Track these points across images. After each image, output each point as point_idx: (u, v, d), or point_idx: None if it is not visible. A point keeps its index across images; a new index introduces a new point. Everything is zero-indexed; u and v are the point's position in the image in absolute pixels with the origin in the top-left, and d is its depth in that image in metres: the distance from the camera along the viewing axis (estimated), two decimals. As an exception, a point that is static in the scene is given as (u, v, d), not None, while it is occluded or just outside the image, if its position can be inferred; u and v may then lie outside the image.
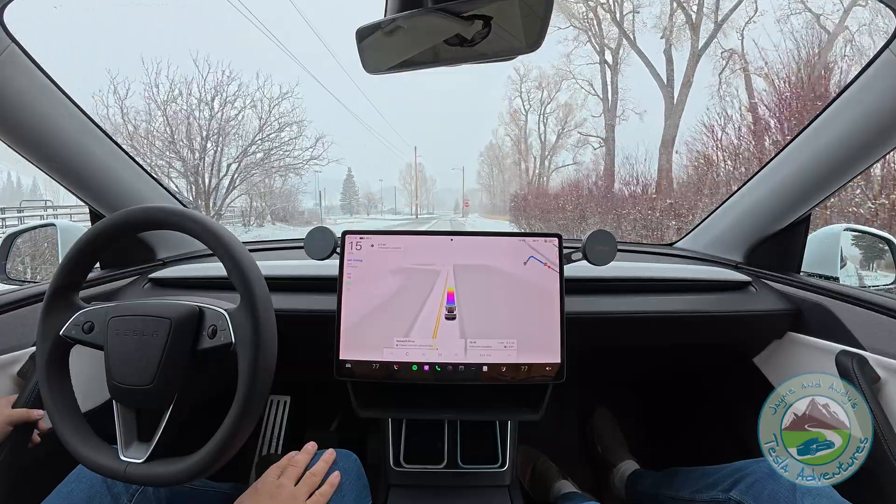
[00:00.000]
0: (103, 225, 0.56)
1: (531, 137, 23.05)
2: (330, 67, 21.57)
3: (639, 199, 8.58)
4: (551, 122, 21.14)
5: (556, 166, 21.30)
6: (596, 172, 15.04)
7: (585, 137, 18.23)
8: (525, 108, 22.22)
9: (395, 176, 62.62)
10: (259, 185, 13.49)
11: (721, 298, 0.85)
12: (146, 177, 0.92)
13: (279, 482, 0.58)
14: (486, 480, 0.82)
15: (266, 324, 0.51)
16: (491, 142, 37.79)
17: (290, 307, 0.77)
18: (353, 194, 55.68)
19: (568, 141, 20.31)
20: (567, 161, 20.49)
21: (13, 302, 0.72)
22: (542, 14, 0.46)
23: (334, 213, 45.98)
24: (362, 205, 55.41)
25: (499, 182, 36.29)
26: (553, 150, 21.46)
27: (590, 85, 16.10)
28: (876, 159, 0.71)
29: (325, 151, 13.18)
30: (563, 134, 20.41)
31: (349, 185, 56.22)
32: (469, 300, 0.68)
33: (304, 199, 20.05)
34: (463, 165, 53.99)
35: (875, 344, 0.69)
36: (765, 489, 0.62)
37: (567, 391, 0.73)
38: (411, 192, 52.00)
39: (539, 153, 22.20)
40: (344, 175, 55.53)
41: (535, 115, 21.63)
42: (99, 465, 0.51)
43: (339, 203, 53.71)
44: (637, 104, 15.06)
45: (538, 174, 22.02)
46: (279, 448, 1.26)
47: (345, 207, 53.36)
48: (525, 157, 24.16)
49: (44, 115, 0.70)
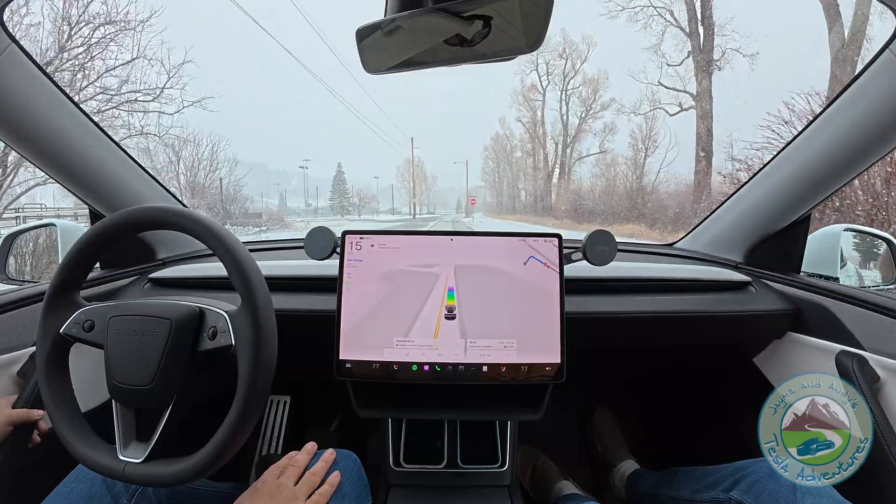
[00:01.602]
0: (104, 224, 0.56)
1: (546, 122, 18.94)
2: (313, 48, 20.72)
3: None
4: (573, 103, 17.47)
5: (580, 155, 17.98)
6: (634, 162, 12.84)
7: (654, 104, 13.93)
8: (542, 84, 18.65)
9: (392, 173, 58.48)
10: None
11: (721, 298, 0.85)
12: (146, 177, 0.92)
13: (279, 482, 0.58)
14: (486, 480, 0.82)
15: (266, 326, 0.51)
16: (497, 133, 34.62)
17: (290, 307, 0.77)
18: (343, 193, 49.49)
19: (593, 124, 16.78)
20: (592, 149, 17.24)
21: (13, 302, 0.72)
22: (543, 13, 0.46)
23: (323, 215, 42.75)
24: (354, 205, 49.43)
25: (506, 178, 33.24)
26: (576, 135, 17.76)
27: (671, 14, 10.29)
28: (876, 159, 0.71)
29: (183, 89, 8.57)
30: (589, 116, 16.77)
31: (339, 182, 50.16)
32: (469, 300, 0.68)
33: (270, 198, 18.86)
34: (466, 159, 50.42)
35: (875, 344, 0.69)
36: (765, 489, 0.62)
37: (567, 391, 0.73)
38: (410, 190, 48.41)
39: (561, 139, 18.33)
40: (333, 172, 50.37)
41: (555, 91, 18.09)
42: (97, 463, 0.51)
43: (328, 203, 48.88)
44: (745, 42, 9.16)
45: (560, 163, 18.34)
46: (279, 448, 1.26)
47: (334, 207, 47.93)
48: (543, 143, 20.29)
49: (44, 115, 0.70)
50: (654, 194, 13.30)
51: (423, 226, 21.23)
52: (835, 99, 0.70)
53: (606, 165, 16.93)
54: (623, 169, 15.24)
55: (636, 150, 15.25)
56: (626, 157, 15.40)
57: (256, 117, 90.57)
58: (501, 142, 33.21)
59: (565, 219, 14.59)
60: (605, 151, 16.66)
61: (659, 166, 14.52)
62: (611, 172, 16.15)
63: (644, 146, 15.09)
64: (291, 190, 59.30)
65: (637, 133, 15.34)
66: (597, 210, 13.61)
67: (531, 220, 20.07)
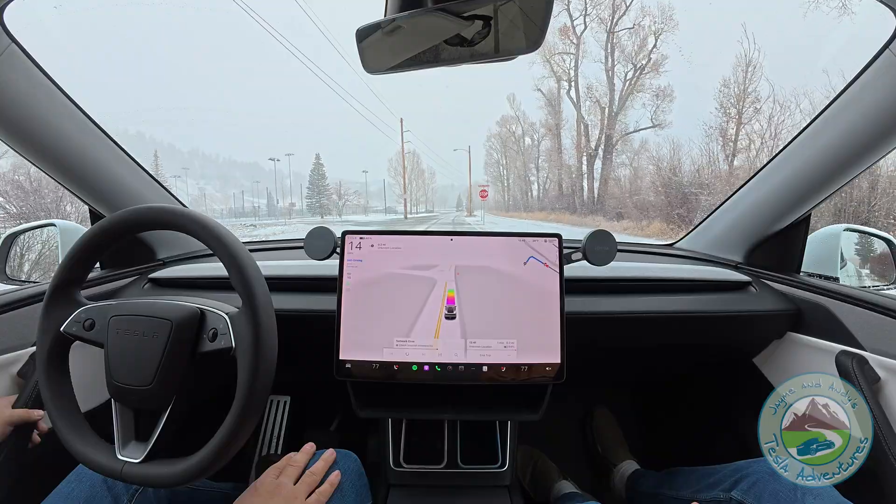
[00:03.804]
0: (105, 224, 0.56)
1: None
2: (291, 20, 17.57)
3: None
4: (618, 66, 11.04)
5: (626, 131, 12.45)
6: (723, 134, 7.38)
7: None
8: (575, 28, 11.35)
9: (383, 167, 50.77)
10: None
11: (721, 298, 0.85)
12: (146, 177, 0.92)
13: (278, 481, 0.58)
14: (485, 480, 0.82)
15: (266, 329, 0.51)
16: (504, 116, 27.83)
17: (290, 307, 0.77)
18: (321, 190, 41.47)
19: (652, 82, 10.69)
20: (642, 123, 11.76)
21: (13, 302, 0.72)
22: (543, 14, 0.46)
23: (300, 215, 36.51)
24: (334, 203, 42.98)
25: (514, 170, 27.47)
26: (622, 103, 11.82)
27: None
28: (876, 159, 0.70)
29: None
30: (648, 68, 10.71)
31: (318, 177, 41.45)
32: (469, 300, 0.68)
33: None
34: (469, 145, 43.04)
35: (875, 344, 0.69)
36: (766, 489, 0.62)
37: (567, 391, 0.73)
38: (402, 184, 39.35)
39: (607, 103, 11.66)
40: (311, 165, 41.60)
41: (595, 38, 11.50)
42: (96, 462, 0.51)
43: (306, 202, 42.08)
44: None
45: (605, 139, 11.90)
46: (279, 448, 1.26)
47: (312, 207, 41.00)
48: (584, 110, 12.69)
49: (44, 115, 0.70)
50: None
51: (416, 227, 20.06)
52: (835, 99, 0.70)
53: (633, 152, 12.83)
54: (666, 152, 10.48)
55: (727, 114, 10.57)
56: (706, 125, 10.10)
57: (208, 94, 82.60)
58: (509, 126, 27.29)
59: (625, 219, 9.50)
60: (658, 125, 11.57)
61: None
62: (637, 161, 11.58)
63: (739, 109, 10.34)
64: (262, 188, 54.46)
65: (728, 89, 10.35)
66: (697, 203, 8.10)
67: (560, 219, 13.92)
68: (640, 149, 12.32)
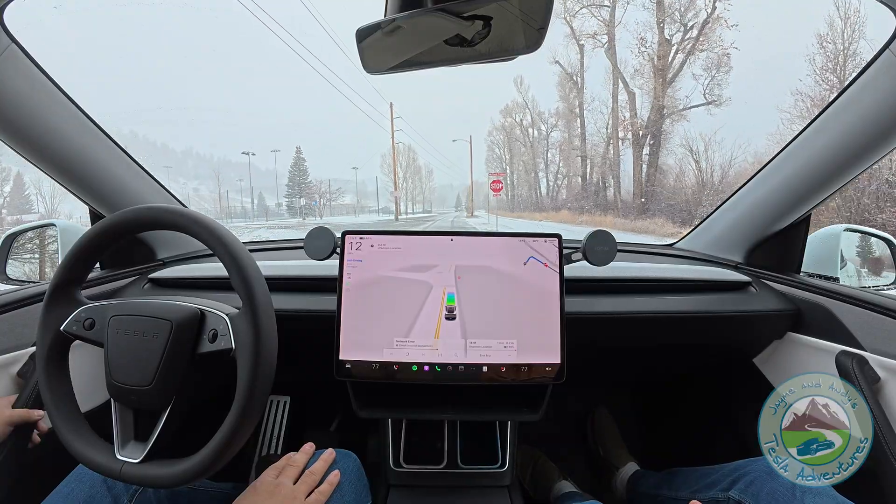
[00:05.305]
0: (105, 223, 0.56)
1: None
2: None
3: None
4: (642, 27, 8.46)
5: (676, 109, 9.79)
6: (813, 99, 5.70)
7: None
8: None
9: (376, 164, 45.83)
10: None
11: (721, 298, 0.85)
12: (146, 177, 0.92)
13: (278, 481, 0.58)
14: (485, 480, 0.81)
15: (266, 330, 0.51)
16: (508, 105, 24.62)
17: (290, 307, 0.77)
18: (303, 187, 36.63)
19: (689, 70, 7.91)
20: (694, 100, 9.24)
21: (13, 302, 0.72)
22: (542, 14, 0.46)
23: (275, 216, 31.49)
24: (318, 202, 38.19)
25: (521, 165, 24.30)
26: (676, 73, 8.85)
27: None
28: (876, 159, 0.70)
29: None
30: (709, 24, 8.18)
31: (298, 173, 36.15)
32: (469, 300, 0.68)
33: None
34: (470, 135, 38.17)
35: (875, 344, 0.69)
36: (763, 488, 0.62)
37: (567, 391, 0.73)
38: (404, 182, 34.77)
39: (649, 76, 8.78)
40: (291, 160, 36.49)
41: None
42: (95, 462, 0.51)
43: (285, 201, 37.10)
44: None
45: (658, 114, 8.98)
46: (279, 448, 1.26)
47: (292, 208, 36.48)
48: (617, 85, 10.13)
49: (44, 115, 0.70)
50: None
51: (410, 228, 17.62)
52: (835, 99, 0.70)
53: (684, 138, 9.81)
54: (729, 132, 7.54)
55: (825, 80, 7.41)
56: (798, 93, 7.13)
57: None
58: (513, 115, 23.78)
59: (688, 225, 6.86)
60: (713, 102, 8.81)
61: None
62: (695, 145, 8.50)
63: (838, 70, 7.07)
64: (246, 186, 49.37)
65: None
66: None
67: (595, 220, 10.78)
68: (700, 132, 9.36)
